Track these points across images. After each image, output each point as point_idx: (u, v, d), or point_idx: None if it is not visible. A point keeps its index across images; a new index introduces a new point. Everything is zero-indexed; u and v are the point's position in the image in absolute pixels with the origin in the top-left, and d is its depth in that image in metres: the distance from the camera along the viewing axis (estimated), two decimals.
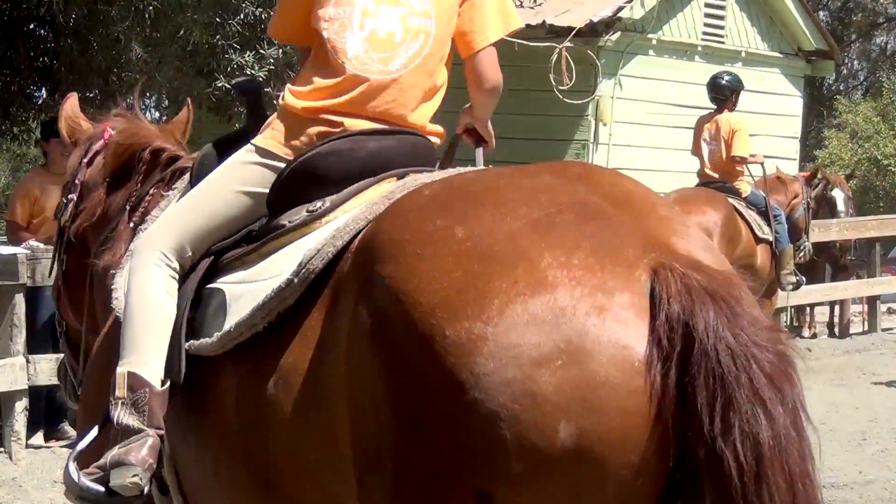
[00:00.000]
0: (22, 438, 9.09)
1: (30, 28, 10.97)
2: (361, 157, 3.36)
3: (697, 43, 15.20)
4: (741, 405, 2.48)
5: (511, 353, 2.50)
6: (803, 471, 2.54)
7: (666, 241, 2.65)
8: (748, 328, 2.53)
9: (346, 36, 3.47)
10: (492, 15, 3.62)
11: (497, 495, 2.54)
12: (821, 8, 34.22)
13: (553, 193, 2.76)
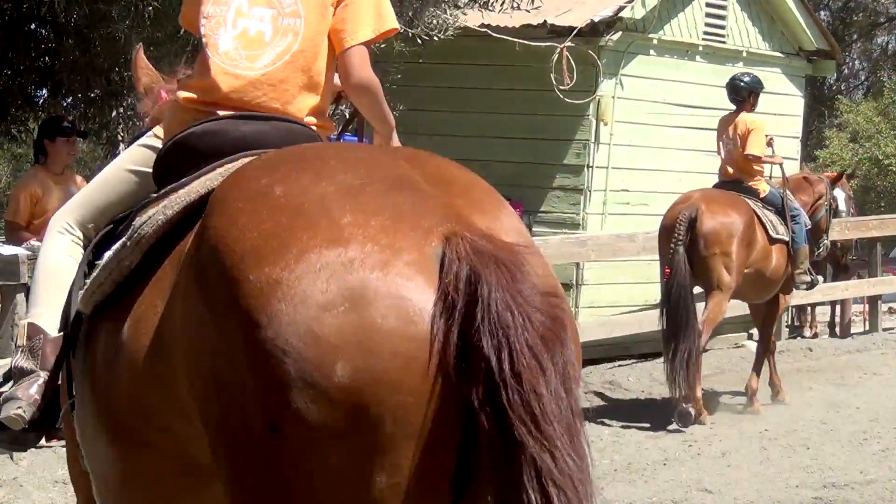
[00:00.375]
0: None
1: (31, 28, 10.97)
2: (234, 137, 3.59)
3: (698, 43, 15.19)
4: (522, 358, 2.69)
5: (301, 297, 2.75)
6: (573, 431, 2.75)
7: (467, 217, 2.89)
8: (526, 291, 2.75)
9: (219, 33, 3.75)
10: (365, 16, 3.81)
11: (284, 427, 2.75)
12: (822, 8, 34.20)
13: (374, 166, 3.04)
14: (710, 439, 10.69)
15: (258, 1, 3.76)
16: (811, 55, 16.38)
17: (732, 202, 11.67)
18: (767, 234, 11.73)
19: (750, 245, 11.59)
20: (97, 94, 10.81)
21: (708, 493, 8.96)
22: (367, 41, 3.84)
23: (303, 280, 2.77)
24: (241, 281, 2.83)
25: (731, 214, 11.51)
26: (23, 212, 10.06)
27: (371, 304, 2.74)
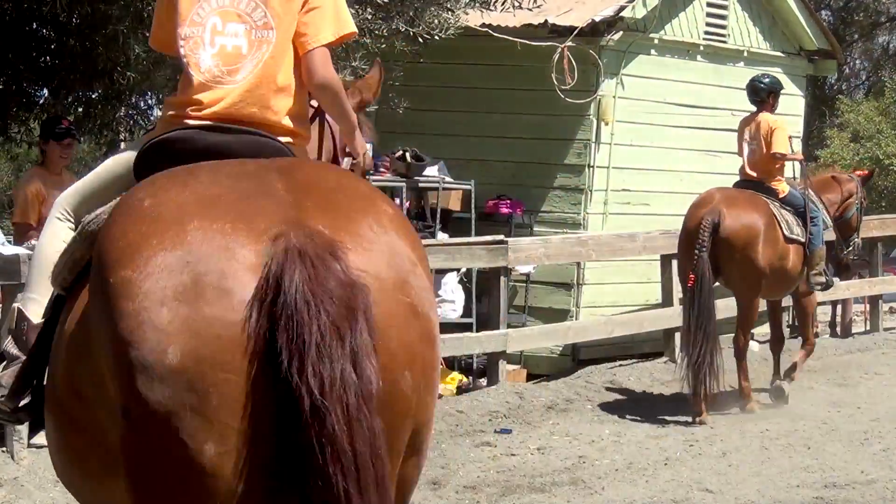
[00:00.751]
0: (24, 438, 9.08)
1: (32, 28, 10.96)
2: (200, 147, 3.90)
3: (699, 42, 15.19)
4: (310, 348, 3.07)
5: (144, 294, 3.19)
6: (360, 410, 3.09)
7: (304, 219, 3.26)
8: (328, 283, 3.13)
9: (199, 53, 4.03)
10: (326, 21, 4.08)
11: (132, 410, 3.17)
12: (823, 7, 34.20)
13: (239, 178, 3.44)
14: (712, 439, 10.69)
15: (231, 18, 4.03)
16: (812, 55, 16.37)
17: (753, 202, 11.78)
18: (783, 233, 11.82)
19: (772, 244, 11.73)
20: (98, 94, 10.80)
21: (709, 492, 8.95)
22: (327, 44, 4.09)
23: (147, 280, 3.21)
24: (106, 282, 3.28)
25: (752, 215, 11.65)
26: (31, 212, 10.02)
27: (201, 297, 3.16)
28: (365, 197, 3.49)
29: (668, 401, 12.32)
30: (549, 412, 11.73)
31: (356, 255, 3.25)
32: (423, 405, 3.38)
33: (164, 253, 3.23)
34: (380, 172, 12.59)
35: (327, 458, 3.08)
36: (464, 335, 12.55)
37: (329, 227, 3.27)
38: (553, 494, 8.94)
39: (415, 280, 3.37)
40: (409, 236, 3.47)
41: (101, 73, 10.26)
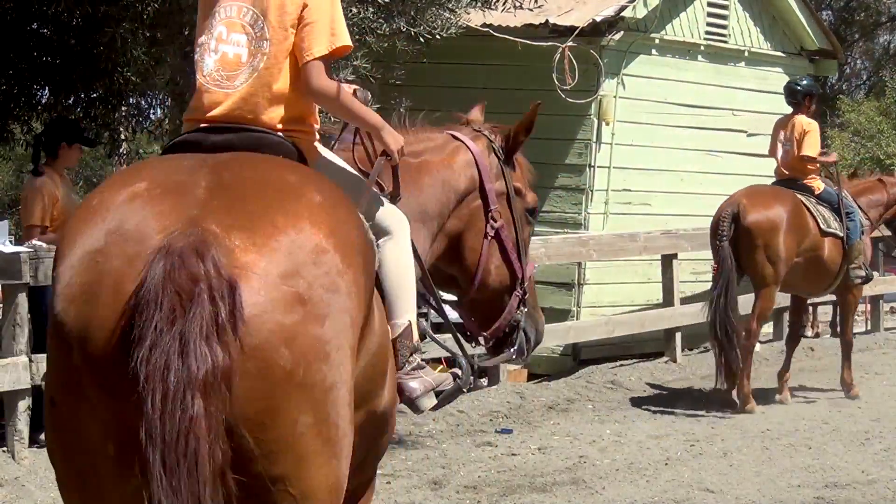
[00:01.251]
0: (25, 438, 9.09)
1: (33, 28, 10.97)
2: (208, 144, 4.17)
3: (700, 42, 15.19)
4: (145, 339, 3.33)
5: (59, 289, 3.51)
6: (178, 392, 3.32)
7: (199, 219, 3.50)
8: (178, 278, 3.37)
9: (205, 58, 4.36)
10: (320, 35, 4.35)
11: (57, 399, 3.54)
12: (824, 7, 34.21)
13: (168, 174, 3.71)
14: (712, 439, 10.70)
15: (236, 28, 4.34)
16: (813, 55, 16.38)
17: (776, 194, 12.07)
18: (819, 227, 12.02)
19: (798, 232, 11.96)
20: (99, 94, 10.80)
21: (710, 492, 8.96)
22: (321, 56, 4.34)
23: (63, 275, 3.53)
24: (51, 278, 3.65)
25: (773, 206, 11.90)
26: (41, 216, 10.00)
27: (99, 289, 3.45)
28: (286, 190, 3.70)
29: (669, 401, 12.33)
30: (550, 412, 11.73)
31: (242, 252, 3.48)
32: (312, 378, 3.51)
33: (79, 249, 3.54)
34: None
35: (144, 438, 3.32)
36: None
37: (223, 225, 3.51)
38: (554, 494, 8.94)
39: (310, 269, 3.55)
40: (328, 224, 3.65)
41: (101, 74, 10.26)
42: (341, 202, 3.84)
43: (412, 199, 5.01)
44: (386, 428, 4.44)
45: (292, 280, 3.52)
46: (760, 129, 15.85)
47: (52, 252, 9.52)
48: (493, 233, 5.37)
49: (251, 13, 4.35)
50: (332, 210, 3.73)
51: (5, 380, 8.94)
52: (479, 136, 5.64)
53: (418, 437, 10.70)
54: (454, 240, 5.28)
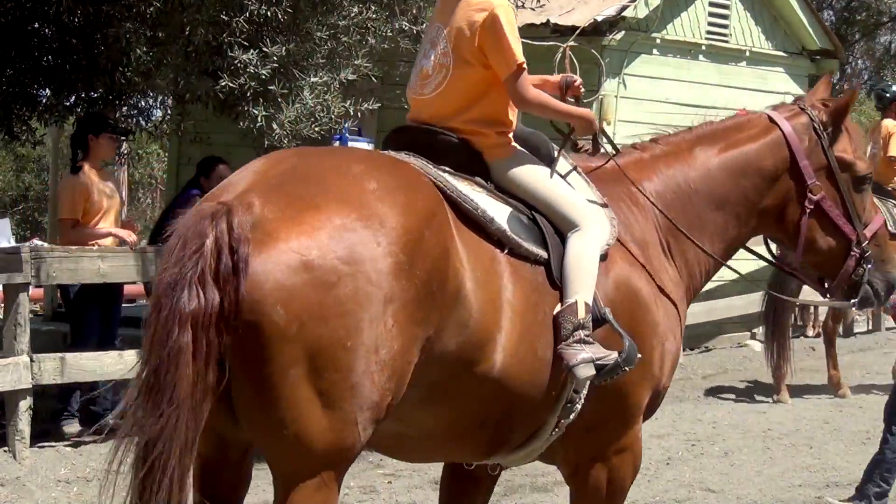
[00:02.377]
0: (26, 438, 9.09)
1: (34, 27, 10.97)
2: (403, 140, 5.17)
3: (701, 42, 15.19)
4: (157, 277, 4.09)
5: None
6: (166, 325, 3.96)
7: (250, 193, 4.17)
8: (189, 230, 4.06)
9: (413, 70, 5.35)
10: (502, 61, 5.27)
11: None
12: (825, 7, 34.20)
13: (270, 161, 4.44)
14: (714, 439, 10.70)
15: (432, 45, 5.23)
16: (814, 54, 16.37)
17: None
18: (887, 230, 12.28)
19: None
20: (101, 93, 10.80)
21: (711, 492, 8.96)
22: (507, 77, 5.25)
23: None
24: None
25: None
26: (75, 210, 10.00)
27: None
28: (345, 177, 4.32)
29: (670, 400, 12.33)
30: None
31: (270, 221, 4.09)
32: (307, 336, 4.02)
33: None
34: None
35: (140, 362, 4.05)
36: None
37: (266, 199, 4.14)
38: (555, 494, 8.94)
39: (327, 242, 4.09)
40: (368, 209, 4.21)
41: (102, 73, 10.26)
42: (403, 192, 4.37)
43: (703, 189, 5.57)
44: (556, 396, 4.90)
45: (304, 249, 4.06)
46: None
47: (53, 251, 9.53)
48: (812, 206, 5.65)
49: (441, 31, 5.21)
50: (383, 197, 4.27)
51: (6, 379, 8.93)
52: (800, 114, 5.77)
53: None
54: (774, 216, 5.69)
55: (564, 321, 4.83)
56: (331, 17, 9.60)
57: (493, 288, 4.63)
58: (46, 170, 24.91)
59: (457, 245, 4.52)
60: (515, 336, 4.68)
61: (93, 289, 9.89)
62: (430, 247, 4.33)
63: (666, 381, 5.31)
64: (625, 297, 5.10)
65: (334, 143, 12.39)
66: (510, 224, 4.86)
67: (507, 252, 4.79)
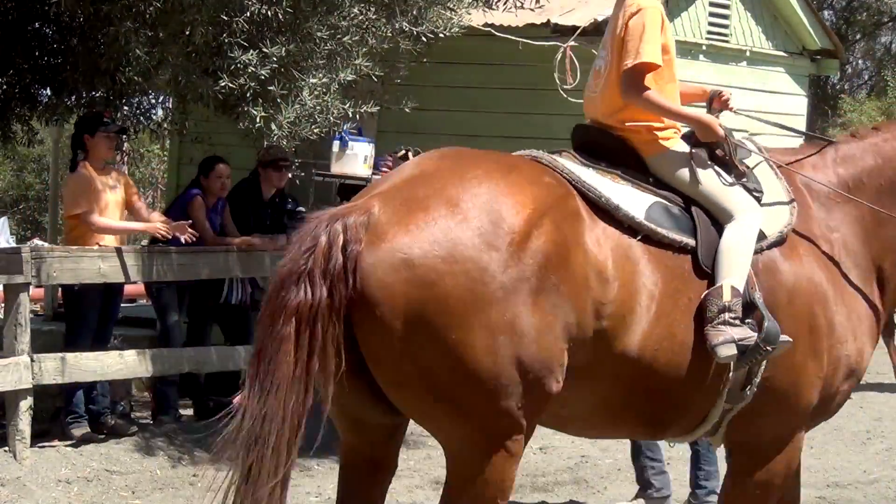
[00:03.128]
0: (27, 438, 9.09)
1: (34, 27, 10.96)
2: (576, 138, 5.74)
3: (702, 42, 15.18)
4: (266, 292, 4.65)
5: None
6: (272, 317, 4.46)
7: (375, 197, 4.63)
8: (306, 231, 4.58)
9: (591, 70, 5.81)
10: (627, 52, 5.42)
11: None
12: (825, 7, 34.20)
13: (424, 159, 4.99)
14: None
15: (602, 48, 5.64)
16: (815, 54, 16.37)
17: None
18: None
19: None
20: (102, 93, 10.79)
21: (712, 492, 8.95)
22: (625, 69, 5.40)
23: None
24: None
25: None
26: (81, 200, 9.92)
27: None
28: (461, 180, 4.67)
29: None
30: None
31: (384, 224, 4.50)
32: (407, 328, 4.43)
33: None
34: (382, 172, 12.59)
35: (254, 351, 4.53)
36: None
37: (386, 202, 4.56)
38: (556, 494, 8.94)
39: (430, 244, 4.46)
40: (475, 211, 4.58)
41: (102, 73, 10.25)
42: (515, 192, 4.71)
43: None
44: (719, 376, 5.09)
45: (409, 249, 4.44)
46: (762, 129, 15.84)
47: (53, 251, 9.53)
48: None
49: (609, 32, 5.55)
50: (492, 198, 4.64)
51: (7, 379, 8.93)
52: None
53: (420, 436, 10.70)
54: None
55: (710, 304, 5.01)
56: (331, 17, 9.59)
57: (626, 273, 4.87)
58: (46, 169, 24.92)
59: (583, 235, 4.82)
60: (651, 320, 4.90)
61: (93, 287, 9.88)
62: (544, 240, 4.64)
63: (839, 386, 5.35)
64: (800, 289, 5.23)
65: (334, 143, 12.39)
66: (650, 213, 5.11)
67: (640, 239, 5.01)
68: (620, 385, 4.93)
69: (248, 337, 11.20)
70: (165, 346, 10.59)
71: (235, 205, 11.27)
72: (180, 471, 9.46)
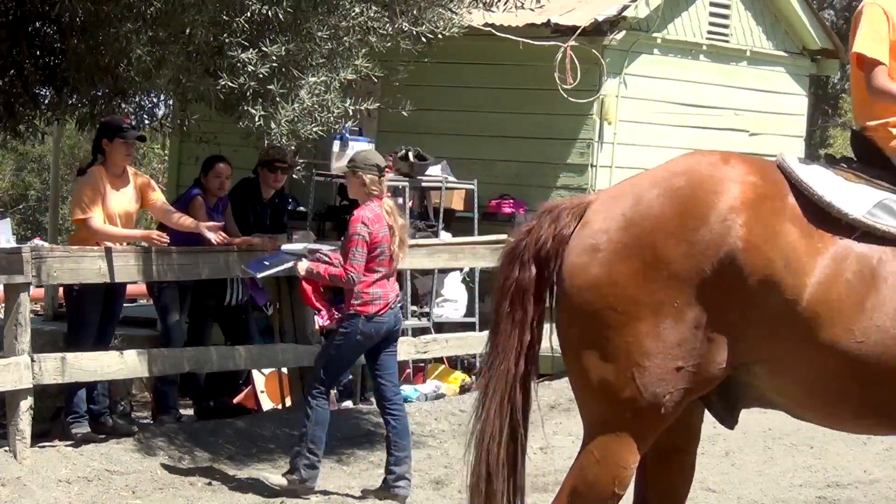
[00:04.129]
0: (27, 437, 9.09)
1: (35, 27, 10.96)
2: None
3: (702, 42, 15.18)
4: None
5: None
6: (498, 296, 5.36)
7: (593, 198, 5.32)
8: (531, 224, 5.38)
9: None
10: (851, 46, 5.44)
11: None
12: (826, 7, 34.20)
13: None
14: (714, 438, 10.68)
15: None
16: (815, 54, 16.36)
17: None
18: None
19: None
20: (104, 92, 10.79)
21: (712, 492, 8.96)
22: (867, 62, 5.37)
23: None
24: None
25: None
26: (85, 205, 9.92)
27: None
28: (654, 186, 5.11)
29: None
30: (552, 411, 11.72)
31: (589, 218, 5.17)
32: (579, 301, 5.15)
33: None
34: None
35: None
36: (467, 335, 12.55)
37: (597, 202, 5.21)
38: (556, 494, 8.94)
39: (604, 236, 5.07)
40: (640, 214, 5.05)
41: (103, 72, 10.25)
42: (703, 194, 5.00)
43: None
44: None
45: (595, 236, 5.07)
46: (762, 128, 15.85)
47: (53, 251, 9.53)
48: None
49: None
50: (680, 199, 5.01)
51: (7, 379, 8.93)
52: None
53: (421, 436, 10.71)
54: None
55: None
56: (332, 17, 9.59)
57: (829, 268, 5.00)
58: (47, 169, 24.90)
59: (784, 230, 5.00)
60: (856, 313, 4.98)
61: (95, 288, 9.87)
62: (732, 235, 4.95)
63: None
64: None
65: (334, 143, 12.39)
66: (875, 210, 5.12)
67: (858, 235, 5.07)
68: (826, 377, 5.04)
69: (248, 337, 11.21)
70: (166, 346, 10.59)
71: (236, 204, 11.27)
72: (180, 471, 9.46)
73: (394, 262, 8.97)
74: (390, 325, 8.96)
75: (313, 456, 8.85)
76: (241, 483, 9.29)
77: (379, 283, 8.85)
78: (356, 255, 8.73)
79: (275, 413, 11.11)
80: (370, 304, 8.82)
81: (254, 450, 9.98)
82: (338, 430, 10.53)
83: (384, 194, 9.09)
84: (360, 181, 8.98)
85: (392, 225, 8.91)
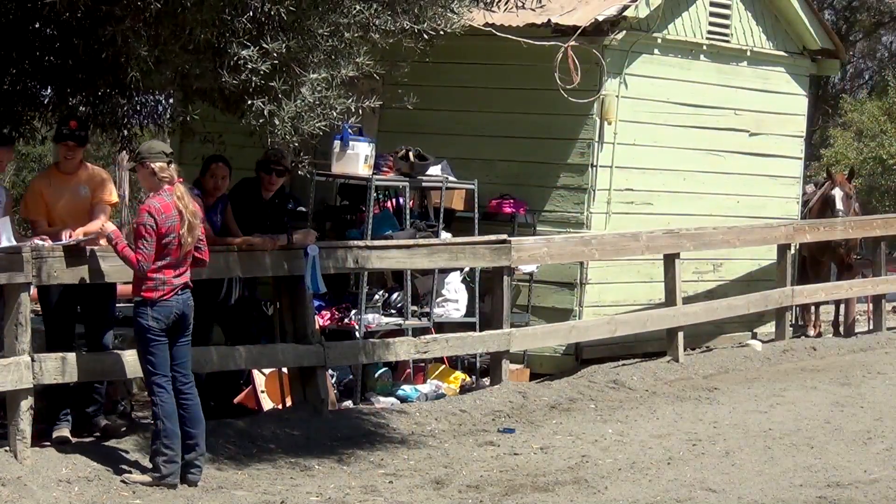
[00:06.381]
0: (27, 437, 9.08)
1: (35, 27, 10.96)
2: None
3: (702, 42, 15.18)
4: None
5: None
6: None
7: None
8: None
9: None
10: None
11: None
12: (826, 7, 34.18)
13: None
14: (715, 438, 10.69)
15: None
16: (815, 54, 16.37)
17: None
18: None
19: None
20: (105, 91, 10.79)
21: (712, 492, 8.96)
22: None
23: None
24: None
25: None
26: (35, 208, 10.13)
27: None
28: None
29: (670, 400, 12.33)
30: (553, 411, 11.73)
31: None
32: None
33: None
34: (382, 172, 12.59)
35: None
36: (467, 335, 12.55)
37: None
38: (556, 494, 8.95)
39: None
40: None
41: (104, 72, 10.25)
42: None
43: None
44: None
45: None
46: (762, 128, 15.85)
47: (53, 251, 9.53)
48: None
49: None
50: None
51: (8, 379, 8.93)
52: None
53: (420, 436, 10.71)
54: None
55: None
56: (333, 14, 9.59)
57: None
58: None
59: None
60: None
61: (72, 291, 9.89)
62: None
63: None
64: None
65: (335, 143, 12.38)
66: None
67: None
68: None
69: (248, 337, 11.20)
70: None
71: (236, 204, 11.26)
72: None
73: (182, 248, 9.12)
74: (178, 310, 9.11)
75: (170, 451, 9.00)
76: (242, 483, 9.29)
77: (165, 270, 9.04)
78: (144, 245, 8.95)
79: (275, 413, 11.11)
80: (154, 290, 8.99)
81: (254, 450, 9.98)
82: (338, 430, 10.54)
83: (176, 180, 9.25)
84: (148, 170, 9.18)
85: (182, 211, 9.10)
